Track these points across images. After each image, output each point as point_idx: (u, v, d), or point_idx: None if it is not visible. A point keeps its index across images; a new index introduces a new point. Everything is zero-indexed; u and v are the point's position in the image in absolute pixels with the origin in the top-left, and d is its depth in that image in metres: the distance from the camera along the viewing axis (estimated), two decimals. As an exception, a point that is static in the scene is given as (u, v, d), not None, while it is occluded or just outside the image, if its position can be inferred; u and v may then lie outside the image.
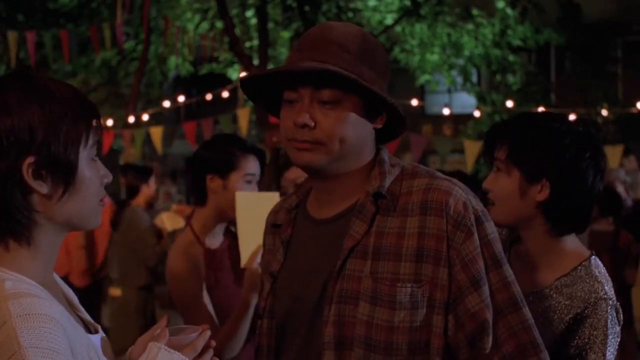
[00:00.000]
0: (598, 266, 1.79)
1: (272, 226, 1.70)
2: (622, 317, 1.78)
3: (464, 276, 1.45)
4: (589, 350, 1.73)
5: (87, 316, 1.37)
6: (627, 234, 5.44)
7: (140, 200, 5.56)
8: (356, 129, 1.50)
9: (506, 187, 1.79)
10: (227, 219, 2.53)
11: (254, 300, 2.33)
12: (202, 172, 2.50)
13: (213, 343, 1.39)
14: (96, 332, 1.34)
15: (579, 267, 1.78)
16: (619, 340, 1.77)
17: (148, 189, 5.60)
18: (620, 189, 6.03)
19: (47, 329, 1.12)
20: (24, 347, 1.09)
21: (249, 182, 2.49)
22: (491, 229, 1.51)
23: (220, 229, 2.57)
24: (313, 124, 1.47)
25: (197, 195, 2.54)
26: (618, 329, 1.75)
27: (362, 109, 1.50)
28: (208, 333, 1.38)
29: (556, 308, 1.76)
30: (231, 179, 2.47)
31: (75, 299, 1.38)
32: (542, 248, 1.82)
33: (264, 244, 1.75)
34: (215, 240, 2.55)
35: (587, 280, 1.76)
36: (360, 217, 1.51)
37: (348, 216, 1.53)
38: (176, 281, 2.46)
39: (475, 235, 1.47)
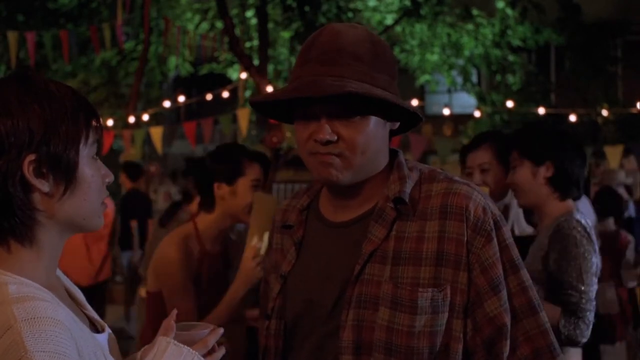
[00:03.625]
0: (576, 214, 2.51)
1: (283, 227, 1.69)
2: (594, 239, 2.47)
3: (483, 281, 1.45)
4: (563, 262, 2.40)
5: (94, 314, 1.36)
6: (626, 234, 5.44)
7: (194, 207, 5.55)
8: (377, 136, 1.49)
9: (521, 174, 2.57)
10: (234, 223, 2.64)
11: (243, 293, 2.46)
12: (209, 181, 2.59)
13: (224, 349, 1.39)
14: (103, 330, 1.34)
15: (562, 214, 2.50)
16: (594, 257, 2.42)
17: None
18: (621, 190, 6.04)
19: (53, 332, 1.12)
20: (30, 352, 1.08)
21: (255, 187, 2.60)
22: (508, 233, 1.51)
23: (220, 236, 2.65)
24: (336, 138, 1.45)
25: (205, 202, 2.63)
26: (586, 243, 2.41)
27: (379, 114, 1.49)
28: (221, 330, 1.38)
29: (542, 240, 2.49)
30: (239, 185, 2.57)
31: (81, 296, 1.38)
32: (551, 210, 2.55)
33: (271, 243, 1.73)
34: (212, 244, 2.62)
35: (562, 217, 2.48)
36: (379, 222, 1.49)
37: (366, 220, 1.51)
38: (167, 267, 2.52)
39: (495, 240, 1.47)
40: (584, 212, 4.85)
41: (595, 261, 2.43)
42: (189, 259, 2.53)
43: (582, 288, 2.36)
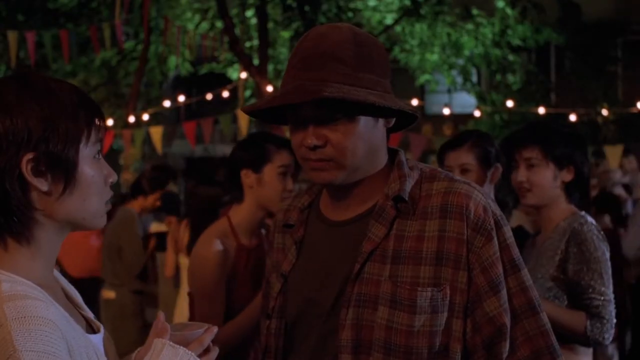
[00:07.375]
0: (585, 215, 2.51)
1: (284, 226, 1.69)
2: (604, 235, 2.45)
3: (483, 280, 1.44)
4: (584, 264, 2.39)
5: (90, 314, 1.36)
6: (624, 232, 5.43)
7: (135, 205, 5.40)
8: (367, 137, 1.48)
9: (544, 175, 2.51)
10: (265, 213, 2.55)
11: None
12: (236, 169, 2.53)
13: (217, 349, 1.39)
14: (98, 331, 1.34)
15: (570, 217, 2.51)
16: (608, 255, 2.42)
17: (145, 201, 5.40)
18: (619, 190, 6.03)
19: (43, 331, 1.11)
20: (19, 351, 1.08)
21: (283, 174, 2.52)
22: (509, 233, 1.50)
23: (254, 228, 2.58)
24: (322, 143, 1.46)
25: (233, 192, 2.58)
26: (602, 245, 2.42)
27: (367, 113, 1.48)
28: (215, 329, 1.36)
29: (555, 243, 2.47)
30: (265, 172, 2.50)
31: (78, 296, 1.38)
32: (557, 213, 2.54)
33: (273, 242, 1.73)
34: (247, 238, 2.56)
35: (573, 218, 2.49)
36: (379, 221, 1.49)
37: (366, 219, 1.51)
38: (201, 265, 2.46)
39: (495, 240, 1.46)
40: None
41: (609, 259, 2.48)
42: (226, 257, 2.46)
43: (603, 290, 2.38)
